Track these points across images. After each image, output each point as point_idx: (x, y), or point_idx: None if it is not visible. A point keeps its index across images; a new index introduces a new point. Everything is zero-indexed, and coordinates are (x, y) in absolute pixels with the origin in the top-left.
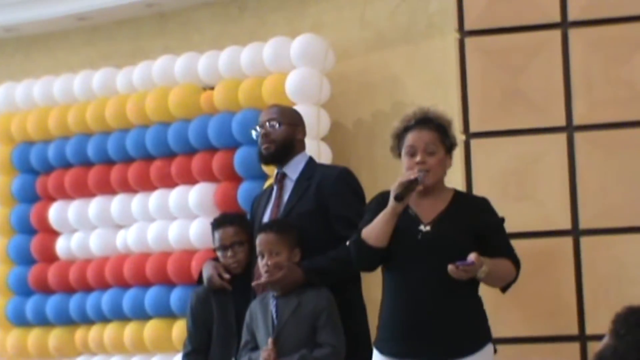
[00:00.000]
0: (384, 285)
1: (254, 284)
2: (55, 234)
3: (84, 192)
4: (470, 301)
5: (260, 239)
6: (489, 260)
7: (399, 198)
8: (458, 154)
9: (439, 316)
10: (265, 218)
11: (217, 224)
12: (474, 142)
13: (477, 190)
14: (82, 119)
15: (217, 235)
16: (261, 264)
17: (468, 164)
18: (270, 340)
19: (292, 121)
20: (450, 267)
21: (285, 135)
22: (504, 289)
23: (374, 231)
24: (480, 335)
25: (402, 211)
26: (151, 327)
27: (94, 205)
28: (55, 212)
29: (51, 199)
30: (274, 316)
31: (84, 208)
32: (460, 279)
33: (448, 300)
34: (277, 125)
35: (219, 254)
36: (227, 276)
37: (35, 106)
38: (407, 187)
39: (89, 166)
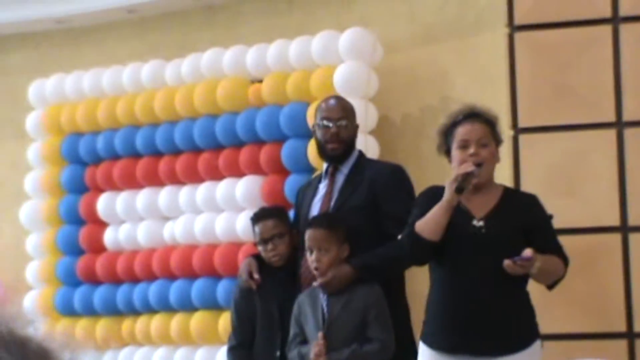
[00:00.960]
0: (431, 279)
1: (316, 284)
2: (103, 224)
3: (132, 183)
4: (520, 297)
5: (309, 234)
6: (541, 256)
7: (459, 190)
8: (506, 149)
9: (490, 311)
10: (314, 211)
11: (256, 218)
12: (522, 138)
13: (525, 186)
14: (131, 110)
15: (257, 229)
16: (310, 259)
17: (516, 159)
18: (320, 334)
19: (355, 119)
20: (506, 262)
21: (352, 136)
22: (550, 286)
23: (429, 224)
24: (530, 331)
25: (455, 206)
26: (197, 319)
27: (142, 196)
28: (103, 203)
29: (99, 190)
30: (325, 310)
31: (132, 199)
32: (513, 275)
33: (499, 295)
34: (346, 125)
35: (259, 248)
36: (256, 277)
37: (84, 98)
38: (466, 180)
39: (137, 158)
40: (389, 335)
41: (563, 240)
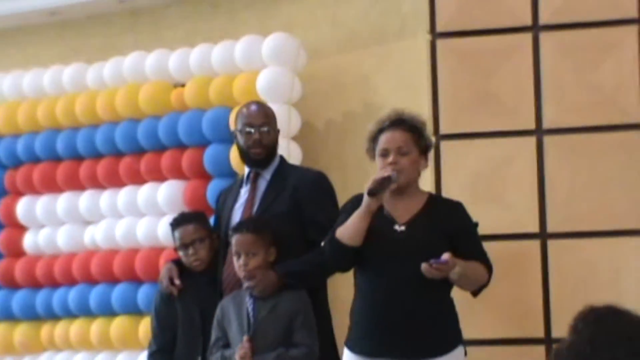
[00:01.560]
0: (356, 285)
1: (245, 286)
2: (22, 228)
3: (52, 187)
4: (443, 302)
5: (236, 239)
6: (462, 262)
7: (372, 193)
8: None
9: (411, 316)
10: (236, 216)
11: (176, 223)
12: (444, 144)
13: (447, 192)
14: (52, 113)
15: (177, 234)
16: (238, 263)
17: (438, 165)
18: (246, 337)
19: (276, 124)
20: (424, 265)
21: (274, 141)
22: (475, 293)
23: (348, 230)
24: (452, 336)
25: (376, 210)
26: (118, 324)
27: (63, 200)
28: (23, 207)
29: (19, 194)
30: (251, 314)
31: (52, 203)
32: (433, 279)
33: (421, 300)
34: (268, 130)
35: (180, 253)
36: (177, 282)
37: (4, 100)
38: (381, 184)
39: (58, 161)
40: (315, 341)
41: (485, 246)
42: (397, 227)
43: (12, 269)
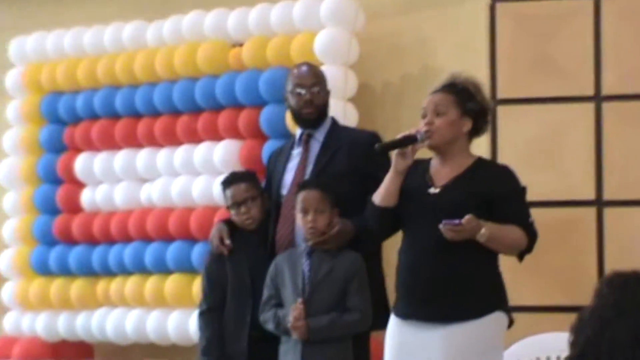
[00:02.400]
0: None
1: (312, 243)
2: (80, 185)
3: (110, 144)
4: (476, 267)
5: (304, 196)
6: (493, 224)
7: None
8: None
9: (439, 279)
10: (288, 177)
11: (228, 182)
12: (500, 109)
13: (502, 157)
14: (111, 71)
15: (228, 193)
16: (305, 220)
17: (494, 130)
18: (300, 299)
19: (327, 85)
20: (440, 226)
21: (325, 101)
22: (520, 258)
23: (380, 191)
24: (487, 301)
25: (405, 171)
26: (172, 282)
27: (120, 157)
28: (81, 163)
29: (78, 150)
30: (306, 275)
31: (110, 160)
32: (454, 241)
33: (451, 264)
34: (319, 91)
35: (232, 211)
36: (227, 242)
37: (65, 56)
38: (399, 142)
39: (116, 118)
40: (368, 306)
41: (538, 212)
42: (431, 190)
43: (70, 224)
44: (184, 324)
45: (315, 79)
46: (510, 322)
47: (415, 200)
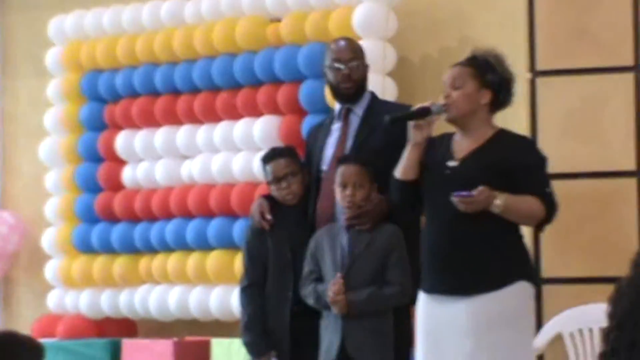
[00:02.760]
0: None
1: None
2: (121, 162)
3: (150, 121)
4: (495, 237)
5: (343, 170)
6: (509, 196)
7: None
8: (523, 92)
9: (456, 251)
10: (328, 152)
11: (268, 158)
12: (540, 81)
13: (541, 129)
14: (150, 48)
15: (269, 168)
16: (344, 194)
17: (533, 102)
18: (339, 274)
19: (365, 59)
20: (452, 197)
21: (364, 75)
22: (538, 228)
23: (400, 164)
24: (507, 272)
25: (422, 143)
26: (214, 258)
27: (160, 135)
28: (122, 141)
29: (118, 128)
30: (345, 249)
31: (150, 137)
32: (467, 212)
33: (469, 236)
34: (357, 65)
35: (272, 187)
36: (268, 217)
37: (104, 34)
38: (411, 114)
39: (156, 96)
40: (408, 280)
41: (578, 184)
42: (450, 163)
43: (111, 202)
44: (226, 299)
45: (353, 53)
46: (538, 291)
47: (435, 174)
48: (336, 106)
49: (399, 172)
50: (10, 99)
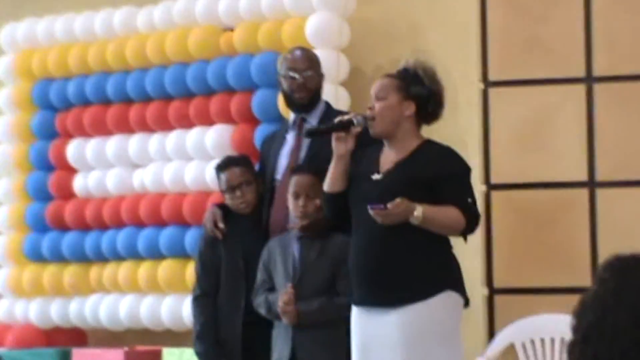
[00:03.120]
0: None
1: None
2: (73, 171)
3: (102, 130)
4: (421, 249)
5: (296, 180)
6: (428, 206)
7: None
8: (475, 102)
9: (383, 264)
10: (282, 161)
11: (222, 166)
12: (492, 91)
13: (494, 139)
14: (102, 56)
15: (223, 177)
16: (296, 204)
17: (486, 112)
18: (289, 284)
19: (320, 69)
20: (368, 210)
21: (319, 85)
22: (463, 237)
23: (327, 176)
24: (434, 282)
25: (345, 155)
26: (165, 267)
27: (112, 143)
28: (73, 150)
29: (70, 136)
30: (297, 259)
31: (102, 146)
32: (386, 224)
33: (393, 248)
34: (312, 75)
35: (226, 196)
36: (221, 226)
37: (56, 43)
38: (331, 127)
39: (108, 104)
40: None
41: (531, 194)
42: (374, 177)
43: (62, 210)
44: (177, 309)
45: (308, 62)
46: (466, 302)
47: (359, 186)
48: (290, 115)
49: (326, 185)
50: None
